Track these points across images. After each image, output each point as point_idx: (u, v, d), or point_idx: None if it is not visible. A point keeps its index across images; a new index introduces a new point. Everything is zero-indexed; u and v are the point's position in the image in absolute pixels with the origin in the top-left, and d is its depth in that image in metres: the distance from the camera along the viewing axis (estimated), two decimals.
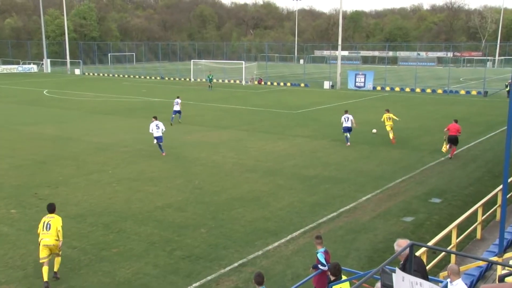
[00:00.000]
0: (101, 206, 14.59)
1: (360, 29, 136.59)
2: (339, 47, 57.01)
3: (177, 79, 67.33)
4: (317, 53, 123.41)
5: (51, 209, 10.62)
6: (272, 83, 59.41)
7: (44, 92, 48.17)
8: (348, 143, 23.52)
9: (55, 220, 10.28)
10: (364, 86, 51.84)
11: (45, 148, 22.57)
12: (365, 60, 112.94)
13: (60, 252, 10.46)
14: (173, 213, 14.10)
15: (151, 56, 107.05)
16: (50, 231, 10.13)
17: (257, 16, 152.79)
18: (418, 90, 50.85)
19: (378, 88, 52.70)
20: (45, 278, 9.94)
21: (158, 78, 68.96)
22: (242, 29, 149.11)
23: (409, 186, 17.03)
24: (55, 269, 10.37)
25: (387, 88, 52.59)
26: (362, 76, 52.70)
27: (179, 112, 29.62)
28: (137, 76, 71.57)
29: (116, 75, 74.09)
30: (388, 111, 24.70)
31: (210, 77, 52.60)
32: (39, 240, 10.20)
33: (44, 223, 10.26)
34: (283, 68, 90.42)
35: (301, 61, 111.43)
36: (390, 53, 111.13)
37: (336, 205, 14.89)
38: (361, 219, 13.79)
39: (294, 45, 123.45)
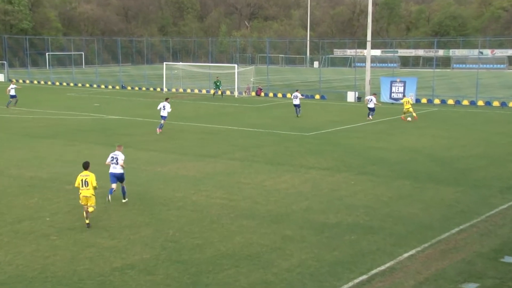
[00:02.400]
0: (33, 269, 14.44)
1: (397, 19, 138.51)
2: (368, 45, 57.60)
3: (144, 88, 67.69)
4: (338, 52, 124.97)
5: (87, 166, 17.49)
6: (275, 95, 59.82)
7: None
8: (369, 117, 39.92)
9: (90, 178, 17.21)
10: (403, 98, 52.05)
11: None
12: (405, 62, 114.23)
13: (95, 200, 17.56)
14: (137, 277, 13.99)
15: (107, 57, 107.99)
16: (88, 186, 17.15)
17: (254, 3, 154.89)
18: (480, 103, 51.23)
19: (424, 100, 53.06)
20: (87, 221, 17.40)
21: (117, 87, 69.35)
22: (234, 20, 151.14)
23: (471, 238, 16.96)
24: (87, 221, 17.37)
25: (436, 101, 52.96)
26: (400, 85, 53.07)
27: (298, 106, 42.33)
28: (87, 85, 71.92)
29: (57, 83, 74.47)
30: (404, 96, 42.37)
31: (218, 84, 57.37)
32: (79, 192, 17.30)
33: (82, 180, 17.17)
34: (291, 74, 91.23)
35: (316, 63, 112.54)
36: (440, 52, 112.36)
37: (366, 264, 14.81)
38: (403, 284, 13.70)
39: (306, 42, 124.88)
